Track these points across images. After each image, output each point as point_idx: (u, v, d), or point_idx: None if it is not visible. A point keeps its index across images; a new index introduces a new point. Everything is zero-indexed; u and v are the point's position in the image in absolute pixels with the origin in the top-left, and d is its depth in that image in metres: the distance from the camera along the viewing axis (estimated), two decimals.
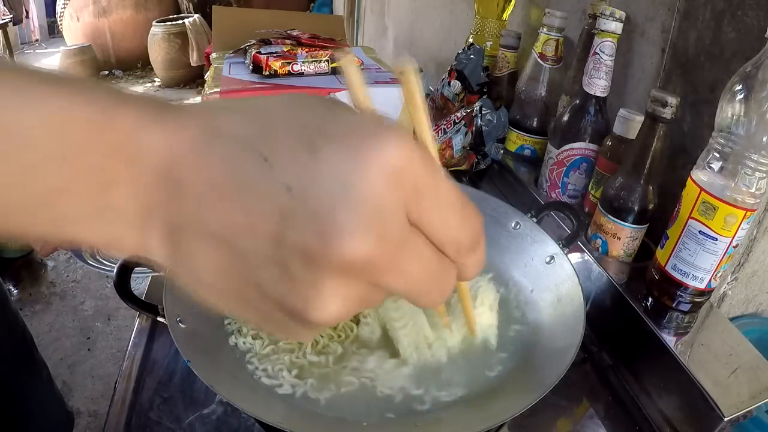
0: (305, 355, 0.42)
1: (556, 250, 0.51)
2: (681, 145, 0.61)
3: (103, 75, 4.25)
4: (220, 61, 0.80)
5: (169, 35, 3.90)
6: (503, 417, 0.35)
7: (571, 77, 0.76)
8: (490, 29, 0.96)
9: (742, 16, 0.52)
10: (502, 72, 0.90)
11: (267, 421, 0.33)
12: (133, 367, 0.50)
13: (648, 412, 0.50)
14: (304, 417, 0.38)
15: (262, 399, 0.38)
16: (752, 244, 0.59)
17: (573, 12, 0.80)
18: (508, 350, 0.45)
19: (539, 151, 0.82)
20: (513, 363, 0.43)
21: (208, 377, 0.34)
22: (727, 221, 0.46)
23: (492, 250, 0.56)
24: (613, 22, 0.60)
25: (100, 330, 1.72)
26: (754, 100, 0.43)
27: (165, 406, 0.46)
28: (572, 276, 0.47)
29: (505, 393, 0.40)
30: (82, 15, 4.06)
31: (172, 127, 0.19)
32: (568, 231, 0.61)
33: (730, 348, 0.48)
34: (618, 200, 0.56)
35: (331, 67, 0.76)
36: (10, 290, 1.87)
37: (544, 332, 0.46)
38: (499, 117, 0.81)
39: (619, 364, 0.54)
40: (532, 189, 0.75)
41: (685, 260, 0.50)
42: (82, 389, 1.50)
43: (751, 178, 0.45)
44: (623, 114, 0.60)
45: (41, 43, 5.15)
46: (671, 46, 0.62)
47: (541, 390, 0.35)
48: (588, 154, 0.68)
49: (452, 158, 0.82)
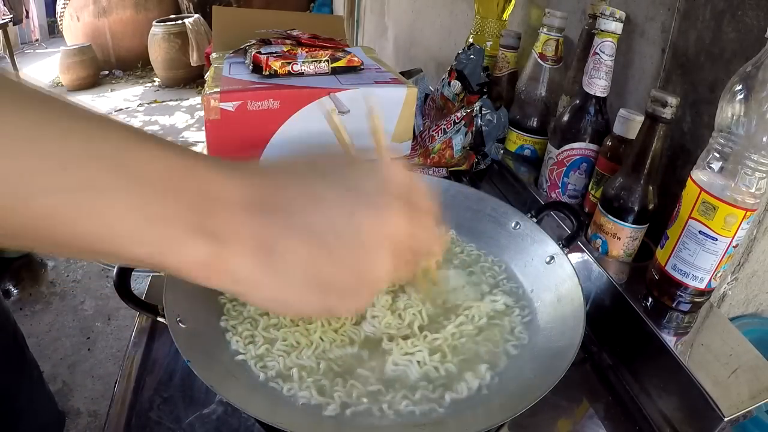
0: (301, 356, 0.42)
1: (556, 250, 0.51)
2: (681, 145, 0.61)
3: (104, 75, 4.25)
4: (220, 61, 0.80)
5: (169, 35, 3.90)
6: (503, 417, 0.35)
7: (571, 77, 0.76)
8: (490, 29, 0.96)
9: (742, 16, 0.52)
10: (502, 72, 0.90)
11: (267, 421, 0.33)
12: (133, 367, 0.50)
13: (648, 412, 0.50)
14: (304, 417, 0.38)
15: (262, 399, 0.38)
16: (752, 244, 0.59)
17: (573, 12, 0.80)
18: (508, 350, 0.45)
19: (539, 151, 0.82)
20: (513, 363, 0.43)
21: (208, 377, 0.34)
22: (727, 221, 0.46)
23: (492, 250, 0.56)
24: (613, 22, 0.60)
25: (100, 330, 1.72)
26: (754, 100, 0.43)
27: (165, 406, 0.46)
28: (572, 276, 0.47)
29: (505, 393, 0.40)
30: (82, 15, 4.06)
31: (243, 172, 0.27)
32: (568, 231, 0.61)
33: (730, 348, 0.48)
34: (618, 200, 0.56)
35: (330, 68, 0.76)
36: (9, 290, 1.87)
37: (544, 332, 0.46)
38: (499, 117, 0.81)
39: (619, 364, 0.54)
40: (532, 189, 0.75)
41: (685, 260, 0.50)
42: (82, 389, 1.50)
43: (751, 178, 0.45)
44: (623, 114, 0.60)
45: (41, 43, 5.15)
46: (671, 46, 0.62)
47: (541, 390, 0.35)
48: (588, 154, 0.68)
49: (452, 158, 0.82)
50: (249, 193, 0.26)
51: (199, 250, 0.24)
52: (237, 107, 0.64)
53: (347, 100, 0.70)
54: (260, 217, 0.26)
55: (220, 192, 0.25)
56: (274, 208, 0.26)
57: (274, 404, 0.38)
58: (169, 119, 3.56)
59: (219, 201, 0.25)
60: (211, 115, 0.63)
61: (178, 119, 3.56)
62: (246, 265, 0.26)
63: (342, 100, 0.69)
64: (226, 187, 0.25)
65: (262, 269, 0.26)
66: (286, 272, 0.26)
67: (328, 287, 0.27)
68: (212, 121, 0.64)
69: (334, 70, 0.76)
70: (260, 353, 0.42)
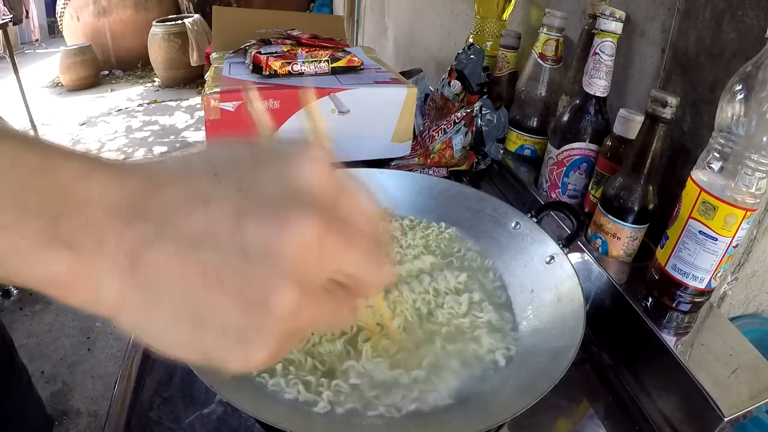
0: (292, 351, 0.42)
1: (556, 250, 0.51)
2: (681, 145, 0.61)
3: (104, 75, 4.25)
4: (220, 61, 0.80)
5: (169, 35, 3.90)
6: (503, 417, 0.35)
7: (571, 77, 0.76)
8: (490, 29, 0.96)
9: (742, 16, 0.52)
10: (502, 72, 0.90)
11: (267, 421, 0.33)
12: (133, 367, 0.50)
13: (648, 412, 0.50)
14: (304, 417, 0.38)
15: (262, 399, 0.38)
16: (752, 244, 0.59)
17: (573, 12, 0.80)
18: (508, 350, 0.45)
19: (539, 151, 0.82)
20: (513, 363, 0.43)
21: (208, 377, 0.34)
22: (727, 221, 0.46)
23: (492, 250, 0.56)
24: (613, 22, 0.60)
25: (100, 330, 1.72)
26: (754, 100, 0.43)
27: (165, 406, 0.46)
28: (572, 276, 0.47)
29: (505, 393, 0.40)
30: (82, 15, 4.06)
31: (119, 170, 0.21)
32: (568, 231, 0.61)
33: (730, 348, 0.48)
34: (618, 200, 0.56)
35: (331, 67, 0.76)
36: (9, 290, 1.87)
37: (544, 332, 0.46)
38: (499, 117, 0.81)
39: (619, 364, 0.54)
40: (532, 189, 0.75)
41: (685, 260, 0.50)
42: (82, 389, 1.50)
43: (751, 178, 0.45)
44: (623, 114, 0.60)
45: (41, 43, 5.16)
46: (671, 46, 0.62)
47: (541, 390, 0.35)
48: (588, 154, 0.68)
49: (452, 158, 0.82)
50: (117, 195, 0.21)
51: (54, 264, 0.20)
52: (237, 107, 0.64)
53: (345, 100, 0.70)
54: (127, 223, 0.21)
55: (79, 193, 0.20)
56: (147, 212, 0.21)
57: (274, 404, 0.38)
58: (169, 119, 3.56)
59: (77, 204, 0.20)
60: (211, 115, 0.63)
61: (178, 119, 3.56)
62: (108, 282, 0.21)
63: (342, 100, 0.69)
64: (89, 188, 0.20)
65: (126, 287, 0.21)
66: (153, 293, 0.21)
67: (202, 320, 0.21)
68: (212, 121, 0.64)
69: (334, 70, 0.76)
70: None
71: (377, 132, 0.76)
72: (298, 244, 0.20)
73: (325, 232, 0.21)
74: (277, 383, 0.40)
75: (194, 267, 0.20)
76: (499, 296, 0.51)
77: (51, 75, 4.31)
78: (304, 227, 0.20)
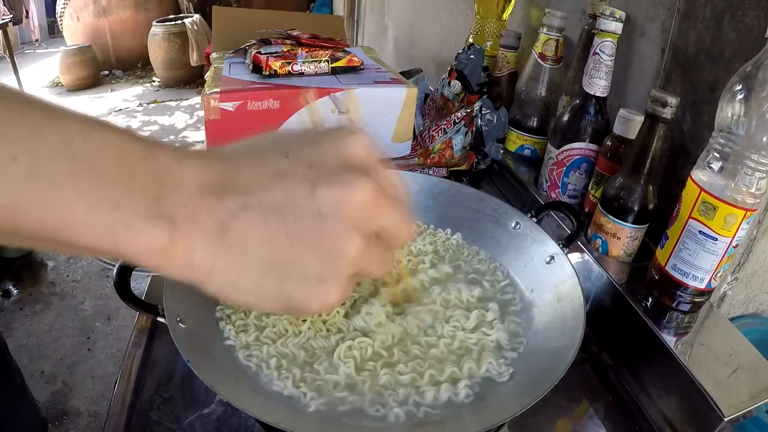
0: (288, 345, 0.42)
1: (556, 250, 0.51)
2: (681, 145, 0.61)
3: (103, 75, 4.25)
4: (220, 61, 0.80)
5: (169, 35, 3.90)
6: (503, 417, 0.35)
7: (571, 77, 0.76)
8: (490, 29, 0.96)
9: (742, 16, 0.52)
10: (502, 72, 0.90)
11: (267, 421, 0.33)
12: (133, 367, 0.50)
13: (648, 412, 0.50)
14: (304, 417, 0.38)
15: (263, 399, 0.38)
16: (752, 244, 0.59)
17: (573, 12, 0.80)
18: (508, 350, 0.45)
19: (539, 151, 0.82)
20: (513, 363, 0.43)
21: (208, 377, 0.34)
22: (727, 221, 0.46)
23: (492, 250, 0.56)
24: (613, 22, 0.60)
25: (100, 330, 1.72)
26: (754, 100, 0.43)
27: (165, 406, 0.46)
28: (572, 276, 0.47)
29: (504, 393, 0.40)
30: (82, 15, 4.06)
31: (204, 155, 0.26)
32: (568, 231, 0.61)
33: (730, 348, 0.48)
34: (618, 200, 0.56)
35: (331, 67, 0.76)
36: (10, 290, 1.87)
37: (544, 332, 0.46)
38: (499, 117, 0.81)
39: (619, 364, 0.54)
40: (532, 189, 0.75)
41: (685, 260, 0.50)
42: (82, 389, 1.50)
43: (751, 178, 0.45)
44: (623, 114, 0.60)
45: (41, 43, 5.16)
46: (671, 46, 0.62)
47: (541, 390, 0.35)
48: (588, 154, 0.68)
49: (452, 158, 0.82)
50: (206, 175, 0.25)
51: (154, 236, 0.23)
52: (237, 107, 0.64)
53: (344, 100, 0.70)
54: (217, 198, 0.25)
55: (175, 175, 0.24)
56: (232, 188, 0.25)
57: (274, 404, 0.38)
58: (168, 119, 3.56)
59: (174, 185, 0.24)
60: (211, 115, 0.63)
61: (178, 119, 3.56)
62: (202, 248, 0.25)
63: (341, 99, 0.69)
64: (182, 171, 0.24)
65: (217, 252, 0.25)
66: (242, 254, 0.25)
67: (287, 271, 0.26)
68: (212, 121, 0.64)
69: (334, 70, 0.76)
70: (247, 341, 0.42)
71: (377, 132, 0.76)
72: (362, 202, 0.25)
73: (378, 194, 0.26)
74: (276, 383, 0.40)
75: (278, 229, 0.25)
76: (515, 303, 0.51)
77: (51, 75, 4.31)
78: (365, 190, 0.25)
